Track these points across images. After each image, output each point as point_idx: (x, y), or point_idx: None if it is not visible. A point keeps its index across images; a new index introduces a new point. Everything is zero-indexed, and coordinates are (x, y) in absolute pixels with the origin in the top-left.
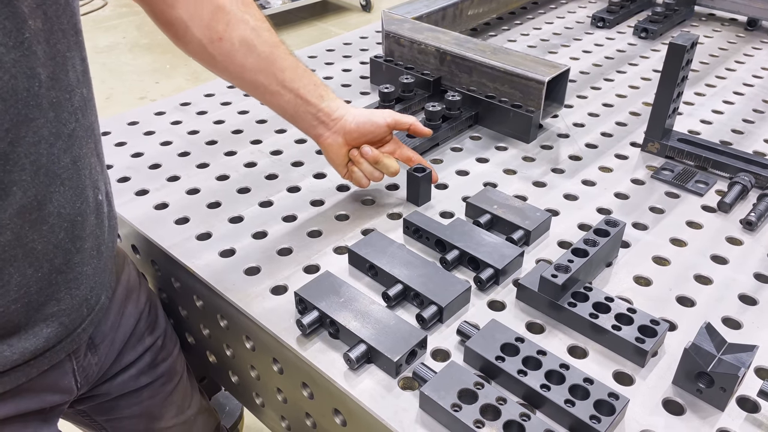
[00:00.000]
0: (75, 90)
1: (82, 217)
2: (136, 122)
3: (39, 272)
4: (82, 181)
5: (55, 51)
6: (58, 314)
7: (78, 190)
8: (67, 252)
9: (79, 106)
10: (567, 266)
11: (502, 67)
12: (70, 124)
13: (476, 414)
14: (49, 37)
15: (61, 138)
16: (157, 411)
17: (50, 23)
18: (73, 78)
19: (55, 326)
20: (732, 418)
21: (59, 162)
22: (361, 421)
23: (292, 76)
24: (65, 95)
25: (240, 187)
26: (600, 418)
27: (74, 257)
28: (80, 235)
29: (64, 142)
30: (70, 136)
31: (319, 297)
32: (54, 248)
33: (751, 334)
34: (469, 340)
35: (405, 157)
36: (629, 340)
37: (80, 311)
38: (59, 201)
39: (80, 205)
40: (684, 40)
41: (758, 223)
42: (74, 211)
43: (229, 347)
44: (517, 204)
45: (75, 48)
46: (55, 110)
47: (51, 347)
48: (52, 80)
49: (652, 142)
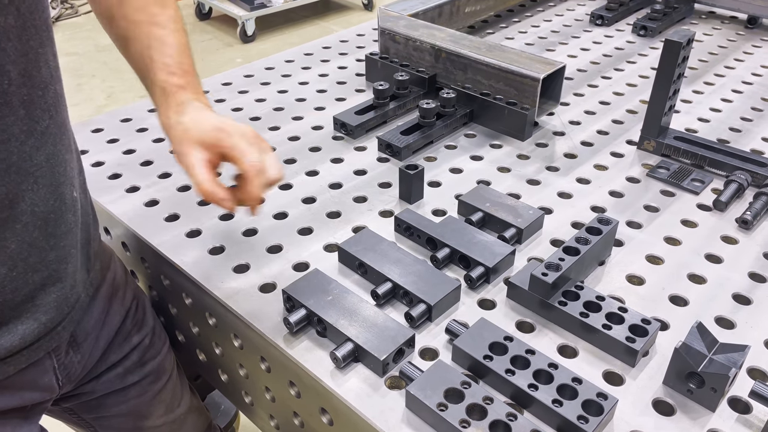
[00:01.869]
0: (48, 86)
1: (56, 214)
2: (129, 119)
3: (14, 271)
4: (56, 179)
5: (28, 47)
6: (34, 312)
7: (52, 188)
8: (42, 250)
9: (52, 103)
10: (558, 264)
11: (497, 64)
12: (44, 121)
13: (462, 414)
14: (21, 34)
15: (33, 135)
16: (145, 409)
17: (23, 19)
18: (46, 74)
19: (33, 324)
20: (723, 419)
21: (31, 160)
22: (348, 420)
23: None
24: (38, 92)
25: (232, 185)
26: (588, 419)
27: (49, 255)
28: (55, 233)
29: (36, 139)
30: (44, 133)
31: (307, 295)
32: (29, 247)
33: (745, 333)
34: (457, 338)
35: None
36: (620, 340)
37: (59, 309)
38: (32, 199)
39: (54, 202)
40: (680, 36)
41: (754, 221)
42: (48, 209)
43: (218, 345)
44: (510, 202)
45: (48, 44)
46: (27, 107)
47: (28, 345)
48: (24, 77)
49: (648, 140)
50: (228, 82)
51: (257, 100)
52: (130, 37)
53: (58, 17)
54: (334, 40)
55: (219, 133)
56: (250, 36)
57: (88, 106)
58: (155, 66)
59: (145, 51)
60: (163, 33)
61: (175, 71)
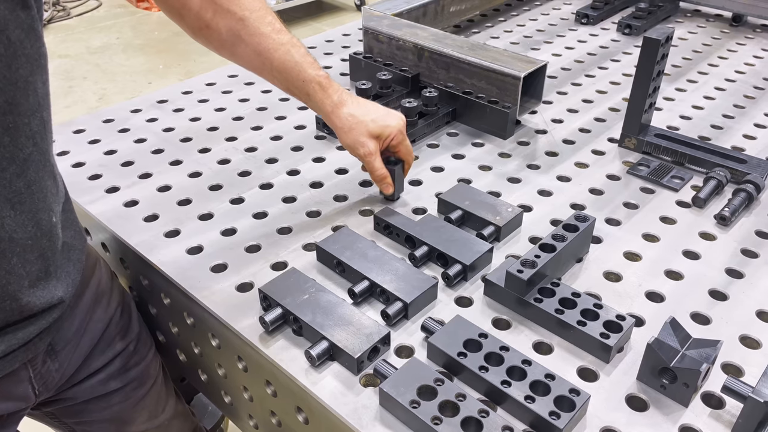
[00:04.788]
0: (35, 114)
1: (33, 241)
2: (111, 120)
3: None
4: (35, 205)
5: (17, 76)
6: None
7: (30, 215)
8: (20, 278)
9: (37, 130)
10: (533, 261)
11: (478, 63)
12: (27, 148)
13: (435, 411)
14: (11, 63)
15: (15, 163)
16: (128, 415)
17: (13, 48)
18: (33, 102)
19: (6, 341)
20: (696, 414)
21: (11, 186)
22: (322, 418)
23: (280, 68)
24: (24, 120)
25: (212, 184)
26: (560, 414)
27: (24, 281)
28: (30, 260)
29: (18, 166)
30: (26, 160)
31: (284, 294)
32: (7, 274)
33: (720, 329)
34: (432, 336)
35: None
36: (594, 336)
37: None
38: (11, 226)
39: (32, 228)
40: (658, 34)
41: (732, 218)
42: (26, 235)
43: (197, 345)
44: (489, 200)
45: (38, 72)
46: (11, 135)
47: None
48: (10, 105)
49: (629, 137)
50: (212, 82)
51: (241, 100)
52: (246, 41)
53: (50, 19)
54: (320, 39)
55: (384, 128)
56: None
57: (80, 108)
58: (303, 65)
59: (282, 54)
60: (287, 37)
61: (318, 68)
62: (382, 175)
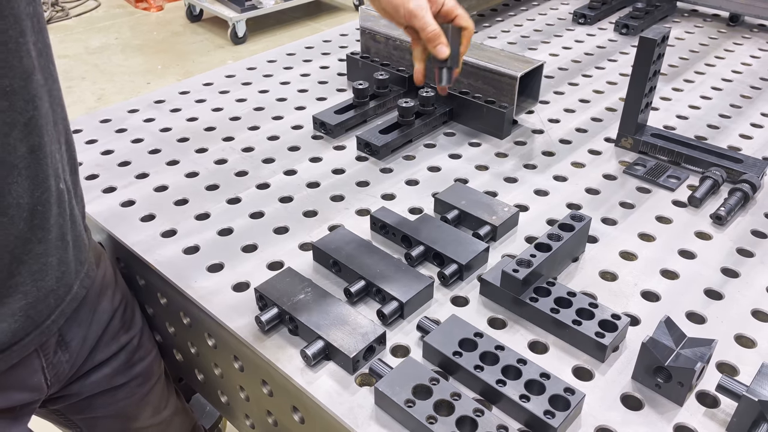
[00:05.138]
0: (32, 76)
1: (43, 207)
2: (108, 120)
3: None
4: (42, 170)
5: (6, 37)
6: (24, 307)
7: (38, 180)
8: (28, 242)
9: (37, 93)
10: (529, 261)
11: (475, 62)
12: (27, 112)
13: (430, 410)
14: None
15: (16, 127)
16: (133, 411)
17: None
18: (28, 64)
19: (22, 319)
20: (691, 413)
21: (15, 152)
22: (318, 418)
23: None
24: (20, 82)
25: (209, 184)
26: (554, 413)
27: (36, 248)
28: (42, 225)
29: (20, 131)
30: (27, 124)
31: (279, 293)
32: (15, 239)
33: (715, 328)
34: (428, 335)
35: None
36: (589, 335)
37: (47, 302)
38: (17, 191)
39: (40, 194)
40: (655, 34)
41: (728, 217)
42: (34, 201)
43: (194, 345)
44: (485, 200)
45: (30, 33)
46: (9, 99)
47: (18, 341)
48: (4, 68)
49: (625, 137)
50: (209, 82)
51: (238, 100)
52: None
53: (48, 20)
54: (317, 39)
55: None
56: (241, 38)
57: (78, 108)
58: None
59: None
60: None
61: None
62: (435, 33)
